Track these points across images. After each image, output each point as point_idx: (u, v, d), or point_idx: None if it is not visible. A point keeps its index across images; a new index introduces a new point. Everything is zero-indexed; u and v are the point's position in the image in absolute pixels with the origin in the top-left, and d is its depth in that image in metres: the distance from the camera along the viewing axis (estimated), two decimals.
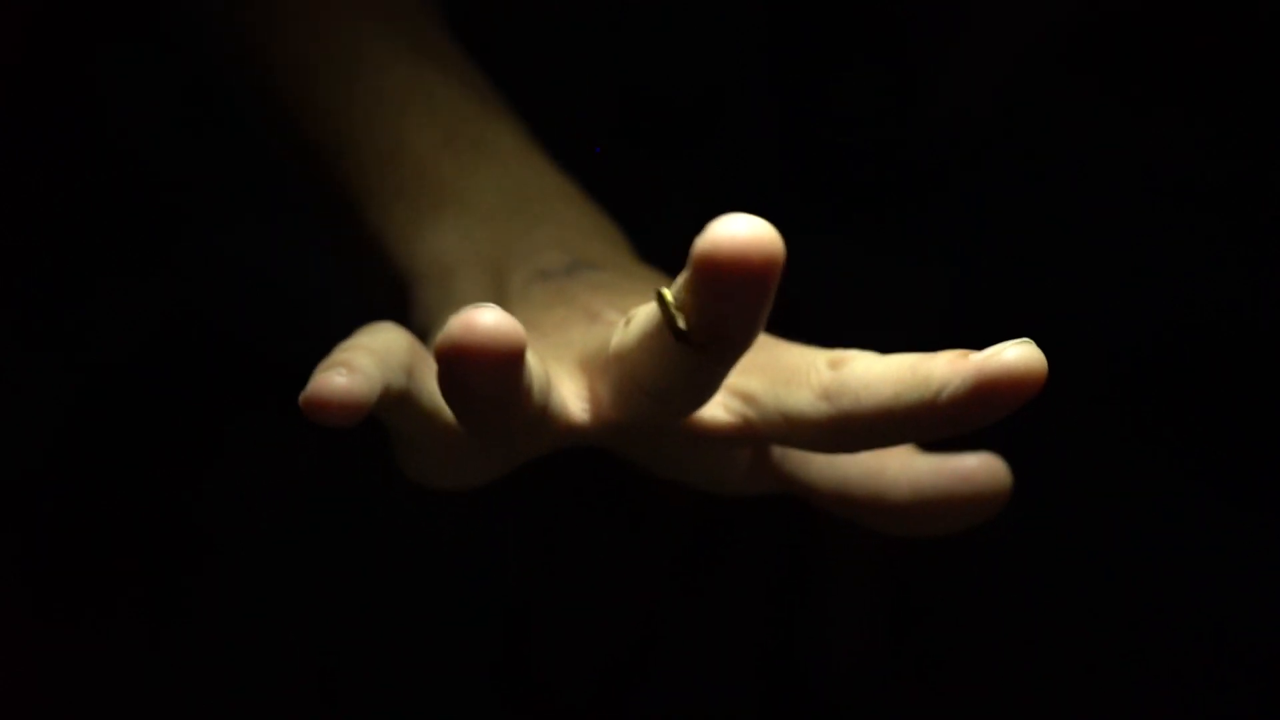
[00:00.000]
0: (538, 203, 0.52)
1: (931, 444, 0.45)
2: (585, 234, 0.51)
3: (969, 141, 0.64)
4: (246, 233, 0.65)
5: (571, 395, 0.41)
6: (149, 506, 0.66)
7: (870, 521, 0.45)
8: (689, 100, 0.65)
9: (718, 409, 0.42)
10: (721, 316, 0.35)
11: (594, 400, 0.41)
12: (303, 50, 0.56)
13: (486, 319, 0.35)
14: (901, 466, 0.44)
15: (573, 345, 0.43)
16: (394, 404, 0.39)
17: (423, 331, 0.49)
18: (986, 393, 0.36)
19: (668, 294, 0.36)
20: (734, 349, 0.36)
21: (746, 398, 0.41)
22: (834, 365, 0.40)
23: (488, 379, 0.35)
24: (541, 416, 0.39)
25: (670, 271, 0.49)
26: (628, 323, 0.39)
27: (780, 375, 0.41)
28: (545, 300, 0.46)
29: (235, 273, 0.66)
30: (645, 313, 0.38)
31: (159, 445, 0.67)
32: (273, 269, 0.60)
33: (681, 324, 0.36)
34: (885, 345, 0.39)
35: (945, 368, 0.37)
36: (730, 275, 0.34)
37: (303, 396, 0.36)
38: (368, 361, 0.38)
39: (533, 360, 0.39)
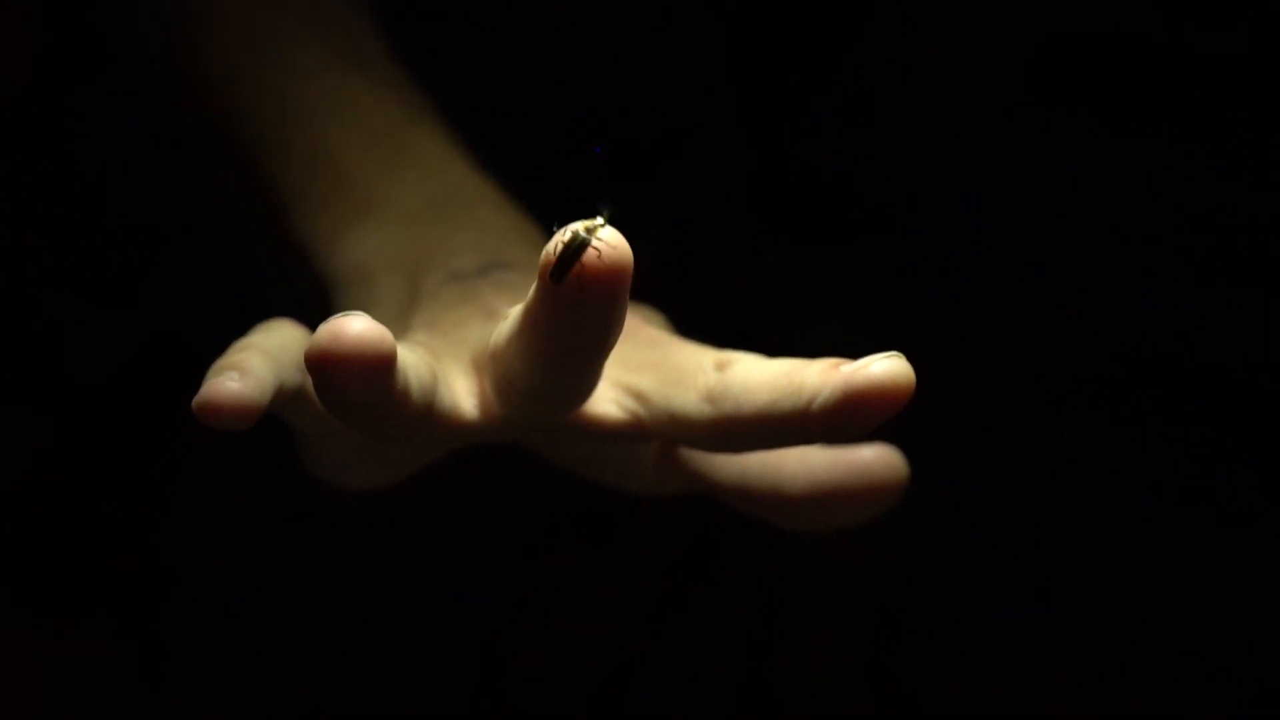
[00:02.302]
0: (458, 207, 0.52)
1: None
2: (504, 236, 0.51)
3: (936, 164, 0.64)
4: (223, 254, 0.66)
5: (463, 393, 0.42)
6: (127, 528, 0.67)
7: (772, 516, 0.46)
8: (660, 127, 0.66)
9: (611, 405, 0.43)
10: (578, 325, 0.36)
11: (483, 397, 0.42)
12: (236, 55, 0.57)
13: (354, 327, 0.36)
14: (799, 460, 0.45)
15: (468, 343, 0.43)
16: (289, 402, 0.40)
17: None
18: (854, 403, 0.37)
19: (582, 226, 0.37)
20: (591, 354, 0.37)
21: (638, 395, 0.42)
22: (720, 367, 0.40)
23: (357, 385, 0.36)
24: (427, 416, 0.40)
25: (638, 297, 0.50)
26: (506, 320, 0.40)
27: (670, 375, 0.42)
28: (452, 300, 0.47)
29: (212, 294, 0.66)
30: (515, 312, 0.39)
31: (137, 466, 0.67)
32: (249, 290, 0.61)
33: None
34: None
35: (817, 378, 0.38)
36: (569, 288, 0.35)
37: (195, 402, 0.37)
38: (259, 362, 0.39)
39: (415, 361, 0.39)
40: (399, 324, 0.47)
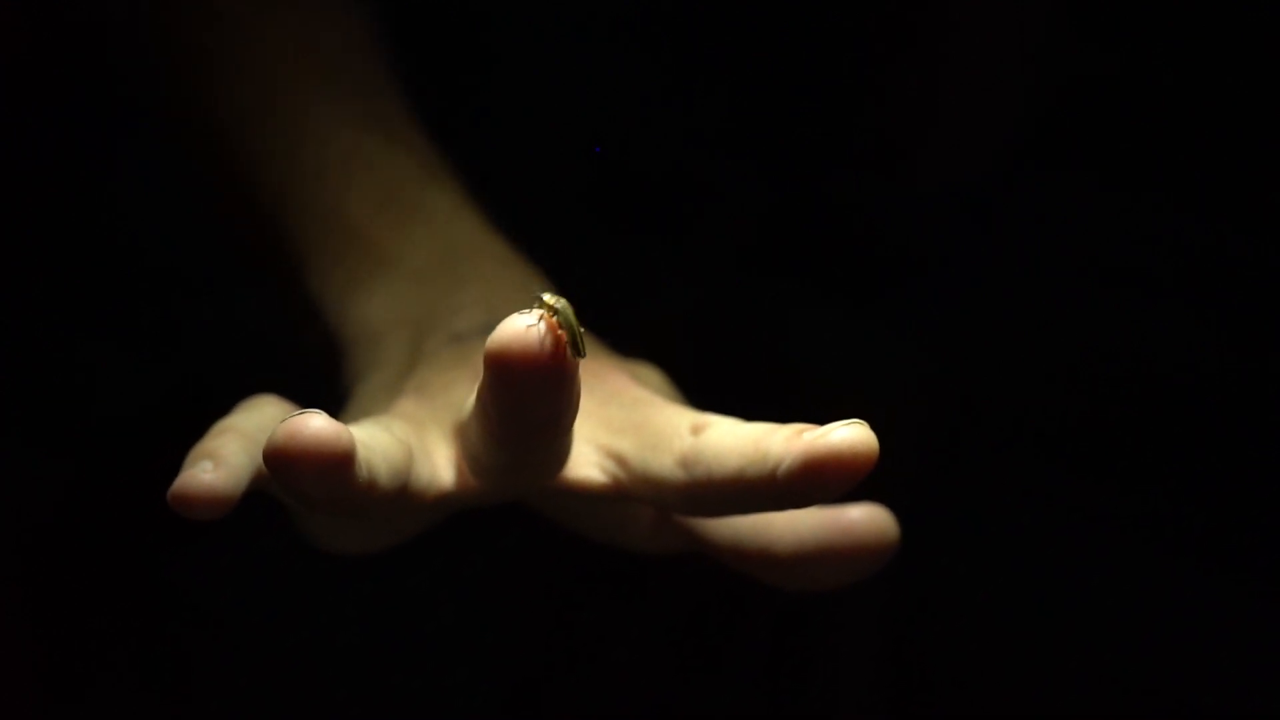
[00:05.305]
0: (466, 263, 0.53)
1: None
2: (510, 293, 0.51)
3: (956, 216, 0.64)
4: (252, 298, 0.67)
5: (444, 461, 0.42)
6: (152, 567, 0.67)
7: (763, 575, 0.45)
8: (673, 179, 0.66)
9: (593, 468, 0.43)
10: (523, 411, 0.36)
11: (461, 466, 0.42)
12: (253, 110, 0.57)
13: (310, 426, 0.36)
14: (788, 520, 0.44)
15: (453, 406, 0.44)
16: (270, 481, 0.40)
17: (347, 395, 0.50)
18: (816, 471, 0.37)
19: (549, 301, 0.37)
20: (543, 436, 0.37)
21: (618, 458, 0.42)
22: (695, 431, 0.40)
23: (314, 482, 0.36)
24: (400, 495, 0.40)
25: (651, 348, 0.50)
26: (470, 398, 0.40)
27: (648, 438, 0.42)
28: (447, 361, 0.47)
29: (241, 338, 0.67)
30: (475, 391, 0.39)
31: (161, 512, 0.68)
32: (274, 336, 0.62)
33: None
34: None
35: (781, 445, 0.37)
36: (511, 376, 0.35)
37: (170, 493, 0.38)
38: (236, 448, 0.39)
39: (386, 443, 0.39)
40: (395, 387, 0.47)
